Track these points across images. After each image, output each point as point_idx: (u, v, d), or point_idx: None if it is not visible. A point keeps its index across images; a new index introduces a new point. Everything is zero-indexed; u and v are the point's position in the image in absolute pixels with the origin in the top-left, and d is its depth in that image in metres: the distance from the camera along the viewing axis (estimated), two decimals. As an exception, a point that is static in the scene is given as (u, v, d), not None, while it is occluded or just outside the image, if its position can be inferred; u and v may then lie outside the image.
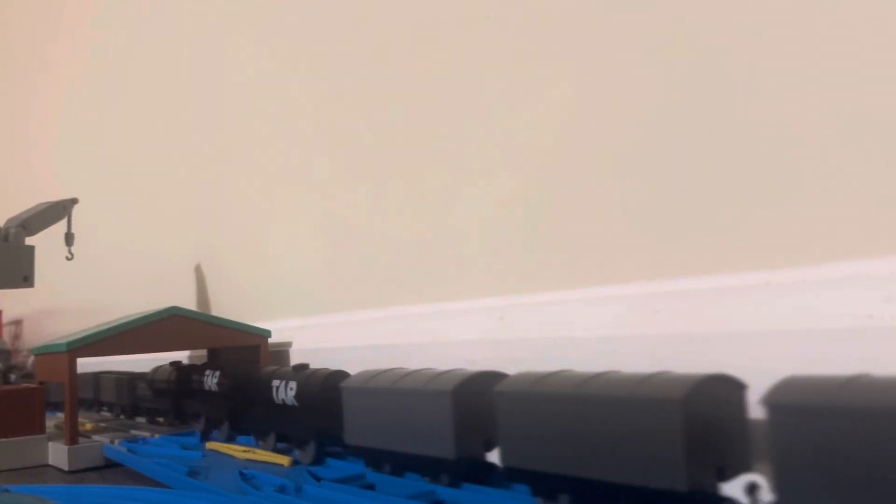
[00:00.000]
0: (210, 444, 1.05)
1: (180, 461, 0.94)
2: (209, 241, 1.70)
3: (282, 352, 1.31)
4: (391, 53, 1.14)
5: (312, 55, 1.33)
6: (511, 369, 0.70)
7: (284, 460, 0.89)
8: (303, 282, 1.38)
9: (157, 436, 1.15)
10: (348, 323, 1.20)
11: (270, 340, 1.26)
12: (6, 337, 2.80)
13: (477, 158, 0.99)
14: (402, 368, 0.76)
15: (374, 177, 1.18)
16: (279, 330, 1.28)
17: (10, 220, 1.44)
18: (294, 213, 1.39)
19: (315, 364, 1.20)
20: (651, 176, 0.78)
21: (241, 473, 0.83)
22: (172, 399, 1.22)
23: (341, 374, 0.87)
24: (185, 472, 0.86)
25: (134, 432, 1.22)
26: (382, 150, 1.16)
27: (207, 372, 1.14)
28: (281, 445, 0.95)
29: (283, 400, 0.92)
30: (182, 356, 1.57)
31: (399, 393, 0.71)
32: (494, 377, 0.65)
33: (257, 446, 0.98)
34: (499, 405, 0.60)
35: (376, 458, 0.76)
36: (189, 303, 1.67)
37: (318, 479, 0.78)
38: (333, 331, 1.22)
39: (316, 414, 0.88)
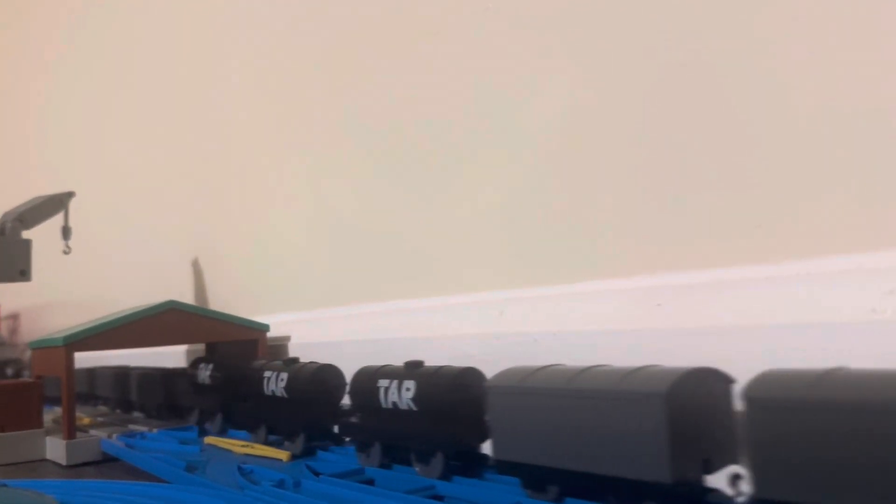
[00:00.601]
0: (208, 439, 1.04)
1: (178, 456, 0.93)
2: (207, 235, 1.70)
3: (280, 346, 1.31)
4: (389, 46, 1.14)
5: (310, 48, 1.32)
6: (510, 364, 0.70)
7: (283, 455, 0.89)
8: (301, 276, 1.37)
9: (154, 430, 1.15)
10: (347, 317, 1.19)
11: (269, 335, 1.25)
12: (4, 331, 2.79)
13: (477, 151, 0.99)
14: (558, 365, 0.61)
15: (373, 170, 1.18)
16: (278, 324, 1.28)
17: (6, 214, 1.43)
18: (293, 207, 1.39)
19: (314, 359, 1.20)
20: (652, 169, 0.78)
21: (240, 468, 0.82)
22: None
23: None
24: (182, 467, 0.85)
25: (132, 427, 1.22)
26: (381, 144, 1.16)
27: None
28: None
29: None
30: (180, 351, 1.57)
31: (581, 395, 0.55)
32: (712, 376, 0.52)
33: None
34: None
35: (539, 479, 0.59)
36: (187, 297, 1.67)
37: (317, 475, 0.77)
38: (332, 325, 1.22)
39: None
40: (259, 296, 1.47)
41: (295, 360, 0.92)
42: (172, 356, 1.58)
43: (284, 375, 0.90)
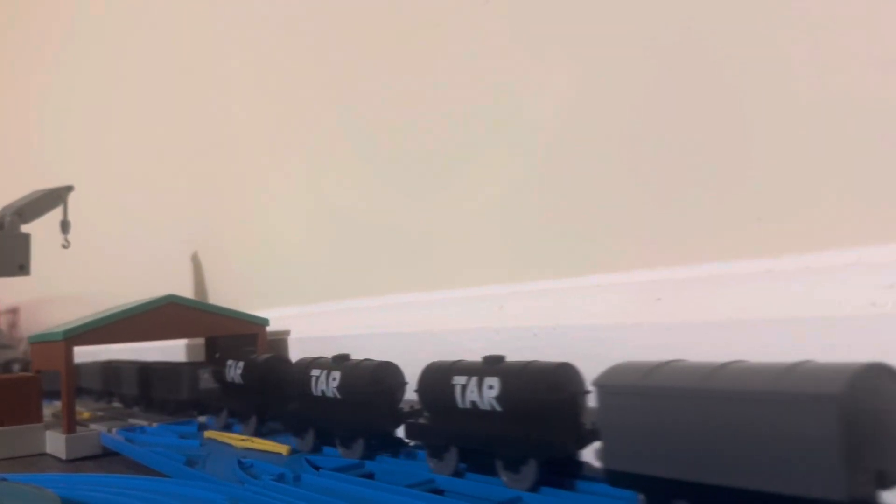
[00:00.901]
0: (208, 433, 1.04)
1: (178, 450, 0.93)
2: (206, 230, 1.69)
3: (280, 340, 1.31)
4: (390, 38, 1.13)
5: (310, 45, 1.31)
6: (511, 358, 0.70)
7: (283, 449, 0.88)
8: (301, 270, 1.37)
9: (154, 424, 1.15)
10: (347, 311, 1.19)
11: (268, 329, 1.25)
12: (3, 326, 2.79)
13: (476, 147, 0.98)
14: (679, 361, 0.55)
15: (373, 165, 1.17)
16: (277, 318, 1.28)
17: (5, 208, 1.42)
18: (292, 202, 1.39)
19: (313, 353, 1.20)
20: (653, 164, 0.78)
21: (240, 462, 0.82)
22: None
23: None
24: (182, 461, 0.85)
25: (131, 421, 1.22)
26: (381, 138, 1.15)
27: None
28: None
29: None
30: (179, 345, 1.57)
31: (725, 397, 0.47)
32: (884, 373, 0.46)
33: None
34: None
35: (665, 493, 0.52)
36: (186, 291, 1.67)
37: (317, 468, 0.77)
38: (331, 319, 1.22)
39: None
40: (258, 290, 1.47)
41: (346, 358, 0.85)
42: (173, 350, 1.58)
43: (337, 374, 0.81)
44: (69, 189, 1.52)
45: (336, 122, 1.25)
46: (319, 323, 1.24)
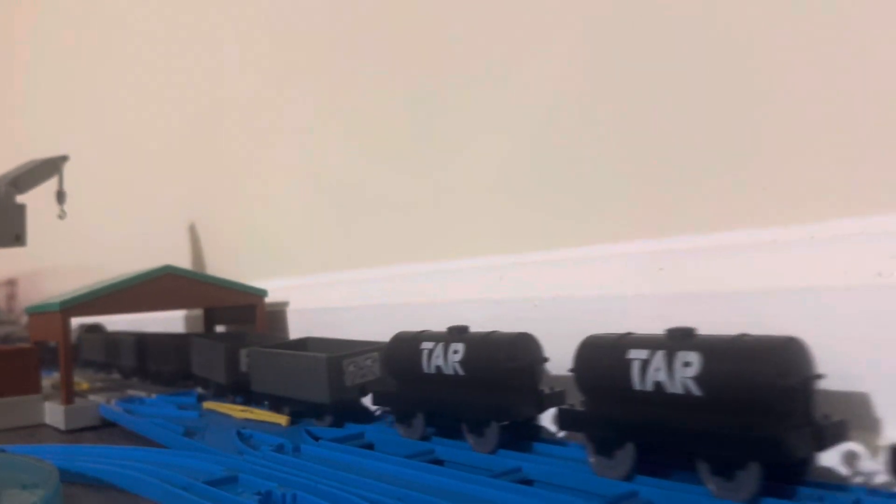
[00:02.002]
0: (207, 404, 1.04)
1: (177, 421, 0.93)
2: (204, 200, 1.68)
3: (279, 312, 1.30)
4: (386, 9, 1.11)
5: (307, 13, 1.29)
6: (511, 328, 0.69)
7: (282, 419, 0.88)
8: (299, 241, 1.36)
9: (153, 395, 1.15)
10: (346, 282, 1.19)
11: (267, 300, 1.25)
12: (1, 297, 2.79)
13: (477, 115, 0.97)
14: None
15: (372, 134, 1.16)
16: (274, 290, 1.27)
17: (0, 178, 1.41)
18: (290, 172, 1.37)
19: (312, 325, 1.20)
20: (656, 132, 0.77)
21: (239, 433, 0.82)
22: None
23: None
24: (181, 432, 0.85)
25: (130, 392, 1.22)
26: (380, 107, 1.14)
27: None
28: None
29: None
30: (177, 315, 1.57)
31: None
32: None
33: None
34: None
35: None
36: (184, 262, 1.66)
37: (317, 439, 0.77)
38: (330, 291, 1.21)
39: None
40: (256, 261, 1.46)
41: (464, 329, 0.71)
42: (171, 321, 1.57)
43: (459, 347, 0.68)
44: (64, 159, 1.50)
45: (334, 94, 1.24)
46: (318, 294, 1.23)
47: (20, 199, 1.41)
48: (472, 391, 0.67)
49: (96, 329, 1.73)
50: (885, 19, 0.61)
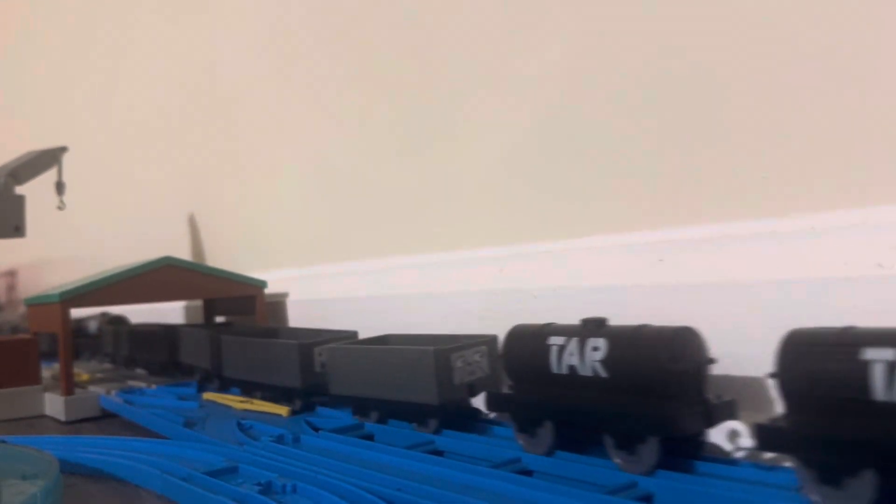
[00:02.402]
0: (207, 395, 1.04)
1: (177, 412, 0.93)
2: (204, 191, 1.68)
3: (278, 303, 1.30)
4: (387, -5, 1.11)
5: (305, 1, 1.29)
6: (511, 320, 0.69)
7: (283, 410, 0.88)
8: (299, 232, 1.36)
9: (153, 386, 1.15)
10: (346, 273, 1.19)
11: (266, 291, 1.25)
12: (2, 288, 2.79)
13: (479, 105, 0.96)
14: None
15: (373, 125, 1.16)
16: (275, 281, 1.27)
17: (-2, 169, 1.41)
18: (290, 163, 1.37)
19: (313, 316, 1.20)
20: (655, 123, 0.76)
21: (239, 424, 0.82)
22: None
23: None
24: (181, 423, 0.85)
25: (130, 383, 1.22)
26: (381, 97, 1.13)
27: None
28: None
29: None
30: (177, 307, 1.57)
31: None
32: None
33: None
34: None
35: None
36: (183, 253, 1.66)
37: (317, 430, 0.77)
38: (329, 282, 1.21)
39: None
40: (256, 252, 1.46)
41: (602, 322, 0.60)
42: (171, 312, 1.57)
43: (600, 343, 0.57)
44: (63, 150, 1.50)
45: (334, 83, 1.23)
46: (317, 285, 1.23)
47: (19, 190, 1.41)
48: (618, 397, 0.55)
49: (118, 321, 1.62)
50: (887, 10, 0.60)
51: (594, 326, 0.58)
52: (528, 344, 0.62)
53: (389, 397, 0.75)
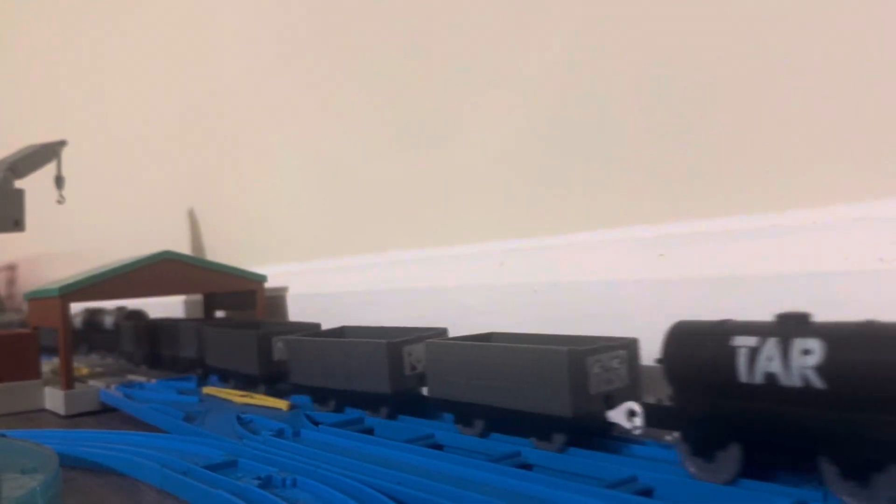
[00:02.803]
0: (206, 389, 1.04)
1: (177, 406, 0.93)
2: (204, 185, 1.68)
3: (278, 297, 1.30)
4: (387, -11, 1.10)
5: (305, -9, 1.28)
6: (510, 315, 0.69)
7: (283, 404, 0.88)
8: (299, 227, 1.36)
9: (153, 380, 1.15)
10: (345, 268, 1.18)
11: (266, 286, 1.24)
12: (2, 283, 2.79)
13: (478, 100, 0.96)
14: None
15: (373, 120, 1.15)
16: (275, 275, 1.27)
17: (-2, 164, 1.41)
18: (289, 157, 1.37)
19: (312, 311, 1.19)
20: (655, 118, 0.76)
21: (239, 418, 0.82)
22: None
23: None
24: (181, 417, 0.85)
25: (130, 377, 1.22)
26: (380, 93, 1.13)
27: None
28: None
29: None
30: (177, 301, 1.56)
31: None
32: None
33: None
34: None
35: None
36: (183, 247, 1.66)
37: (317, 424, 0.77)
38: (329, 276, 1.21)
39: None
40: (256, 247, 1.46)
41: (804, 317, 0.47)
42: (172, 306, 1.57)
43: (814, 346, 0.44)
44: (62, 144, 1.50)
45: (334, 77, 1.23)
46: (317, 280, 1.23)
47: (19, 184, 1.41)
48: (843, 414, 0.43)
49: (138, 316, 1.52)
50: (887, 4, 0.60)
51: (797, 323, 0.46)
52: (701, 346, 0.50)
53: (508, 405, 0.63)
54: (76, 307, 1.60)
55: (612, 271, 0.76)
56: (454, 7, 0.99)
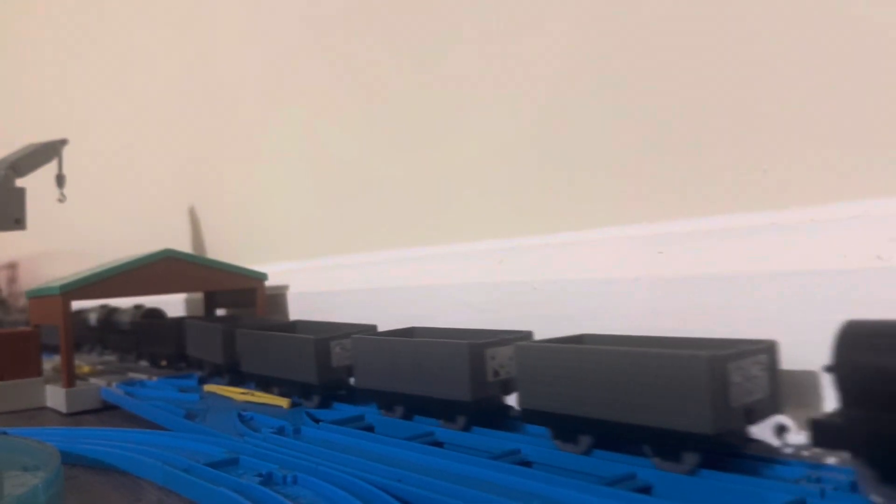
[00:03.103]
0: (208, 387, 1.04)
1: (178, 404, 0.94)
2: (204, 184, 1.68)
3: (279, 296, 1.30)
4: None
5: (305, -10, 1.28)
6: (510, 313, 0.69)
7: (284, 402, 0.89)
8: (299, 225, 1.36)
9: (154, 378, 1.15)
10: (346, 266, 1.19)
11: (267, 284, 1.25)
12: (2, 281, 2.79)
13: (477, 98, 0.96)
14: None
15: (372, 118, 1.16)
16: (276, 273, 1.27)
17: (-1, 162, 1.41)
18: (290, 155, 1.37)
19: (313, 309, 1.20)
20: (655, 115, 0.76)
21: (240, 415, 0.82)
22: None
23: None
24: (182, 415, 0.85)
25: (132, 375, 1.22)
26: (380, 91, 1.13)
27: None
28: None
29: None
30: (178, 299, 1.57)
31: None
32: None
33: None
34: None
35: None
36: (184, 245, 1.66)
37: (317, 421, 0.77)
38: (329, 274, 1.21)
39: None
40: (256, 245, 1.46)
41: None
42: (172, 304, 1.58)
43: None
44: (63, 142, 1.50)
45: (334, 76, 1.23)
46: (317, 277, 1.23)
47: (20, 182, 1.41)
48: None
49: (155, 314, 1.46)
50: (886, 4, 0.60)
51: None
52: (888, 351, 0.42)
53: (616, 418, 0.54)
54: (91, 305, 1.62)
55: (610, 269, 0.76)
56: (454, 7, 0.99)
